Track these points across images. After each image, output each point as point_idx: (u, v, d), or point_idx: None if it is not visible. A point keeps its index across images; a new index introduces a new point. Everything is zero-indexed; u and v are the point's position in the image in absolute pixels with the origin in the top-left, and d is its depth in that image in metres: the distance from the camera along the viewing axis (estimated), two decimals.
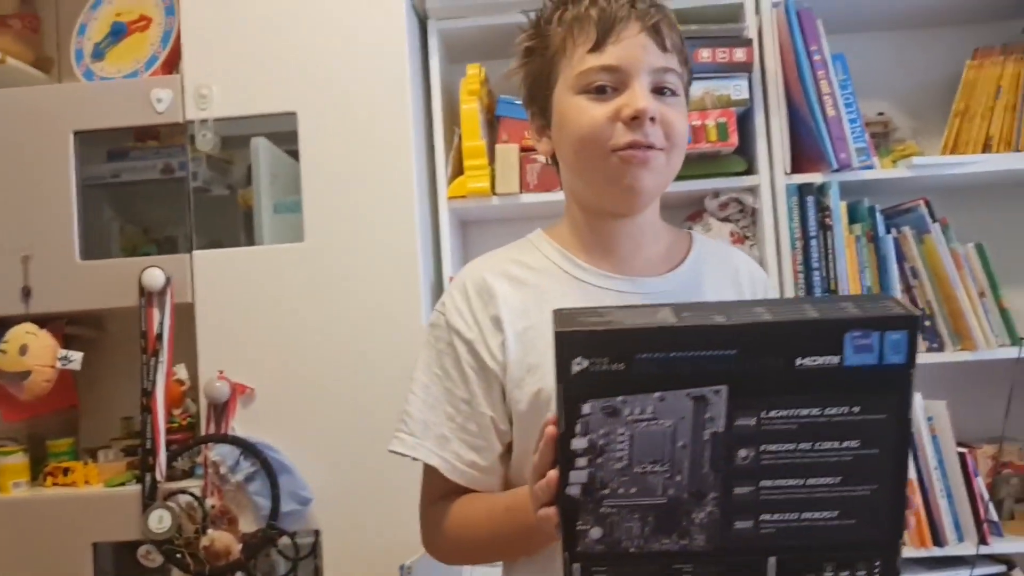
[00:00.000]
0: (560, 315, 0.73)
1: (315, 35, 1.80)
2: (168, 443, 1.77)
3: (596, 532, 0.74)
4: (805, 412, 0.71)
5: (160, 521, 1.69)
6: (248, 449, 1.71)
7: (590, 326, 0.72)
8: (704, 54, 1.80)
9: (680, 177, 1.78)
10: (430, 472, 1.02)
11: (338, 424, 1.73)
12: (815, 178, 1.83)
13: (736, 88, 1.81)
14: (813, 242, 1.81)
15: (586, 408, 0.71)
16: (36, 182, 1.84)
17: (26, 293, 1.80)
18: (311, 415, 1.74)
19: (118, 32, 1.94)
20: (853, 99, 1.84)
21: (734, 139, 1.80)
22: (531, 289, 1.00)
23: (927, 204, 1.83)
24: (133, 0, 1.95)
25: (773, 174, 1.84)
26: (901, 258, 1.83)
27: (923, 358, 1.81)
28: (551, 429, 0.73)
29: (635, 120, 0.92)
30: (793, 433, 0.72)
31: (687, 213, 1.97)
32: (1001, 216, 2.02)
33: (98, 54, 1.94)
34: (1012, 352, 1.79)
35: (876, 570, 0.75)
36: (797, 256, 1.82)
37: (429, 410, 1.01)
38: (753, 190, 1.86)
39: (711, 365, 0.70)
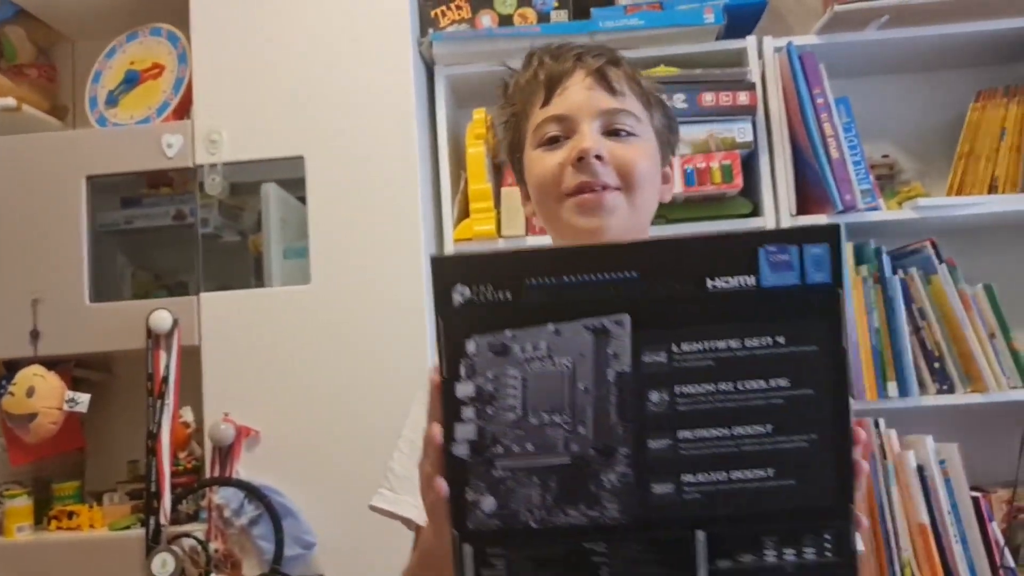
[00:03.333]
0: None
1: (324, 81, 1.83)
2: (173, 486, 1.76)
3: (489, 503, 0.64)
4: (723, 345, 0.62)
5: (164, 565, 1.68)
6: (252, 492, 1.70)
7: (470, 252, 0.66)
8: (707, 98, 1.82)
9: (686, 219, 1.84)
10: (416, 530, 0.99)
11: (343, 468, 1.72)
12: (820, 220, 1.83)
13: (740, 131, 1.83)
14: None
15: (470, 346, 0.63)
16: (48, 226, 1.86)
17: (35, 336, 1.82)
18: (316, 459, 1.74)
19: (131, 80, 1.98)
20: (857, 141, 1.85)
21: (739, 181, 1.80)
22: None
23: (934, 245, 1.83)
24: (147, 49, 2.00)
25: (779, 216, 1.84)
26: (908, 300, 1.82)
27: (934, 400, 1.79)
28: (433, 376, 0.65)
29: (581, 161, 0.92)
30: (711, 371, 0.62)
31: None
32: (1009, 257, 2.01)
33: (112, 101, 1.98)
34: None
35: (827, 544, 0.64)
36: None
37: (413, 465, 0.95)
38: None
39: (610, 291, 0.62)
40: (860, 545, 0.71)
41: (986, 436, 1.83)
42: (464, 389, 0.63)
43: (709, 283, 0.62)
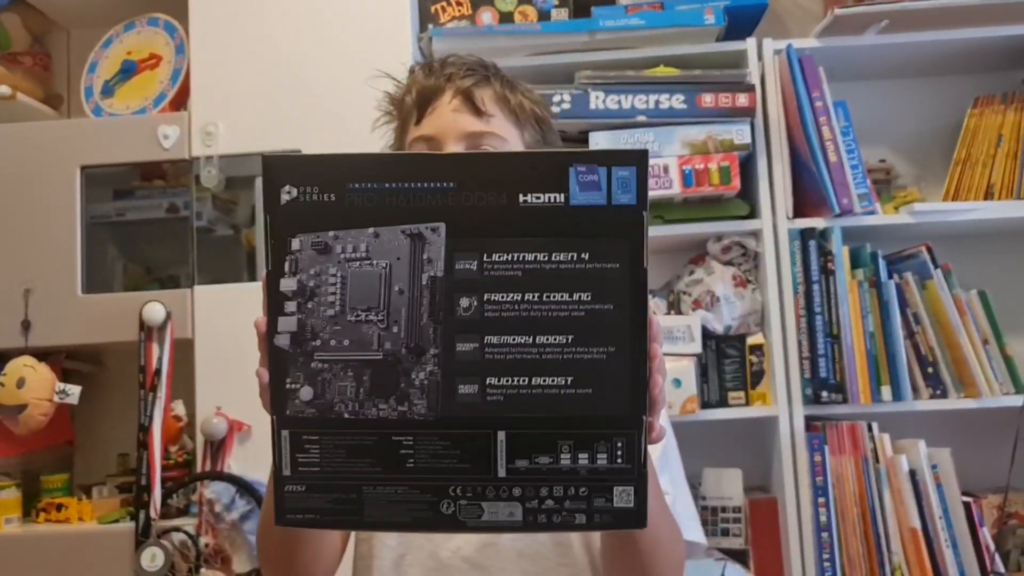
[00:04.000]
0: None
1: (323, 74, 1.82)
2: (163, 480, 1.74)
3: (307, 392, 0.68)
4: (531, 257, 0.66)
5: (153, 559, 1.67)
6: (244, 487, 1.69)
7: (301, 156, 0.70)
8: (707, 99, 1.82)
9: (683, 220, 1.83)
10: None
11: None
12: (817, 223, 1.84)
13: (739, 133, 1.83)
14: (815, 287, 1.81)
15: (295, 243, 0.67)
16: (41, 216, 1.85)
17: (26, 326, 1.80)
18: None
19: (128, 70, 1.97)
20: (855, 145, 1.85)
21: (736, 183, 1.80)
22: None
23: (929, 250, 1.83)
24: (144, 39, 1.98)
25: (775, 218, 1.84)
26: (904, 304, 1.82)
27: (927, 405, 1.80)
28: (263, 275, 0.70)
29: None
30: (518, 281, 0.66)
31: (690, 256, 1.97)
32: (1004, 264, 2.02)
33: (107, 91, 1.96)
34: (1017, 400, 1.78)
35: (618, 451, 0.68)
36: (799, 301, 1.81)
37: None
38: (756, 234, 1.86)
39: (428, 199, 0.65)
40: (654, 451, 0.76)
41: (978, 441, 1.84)
42: (287, 284, 0.67)
43: (521, 198, 0.65)
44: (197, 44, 1.86)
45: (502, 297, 0.66)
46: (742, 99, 1.82)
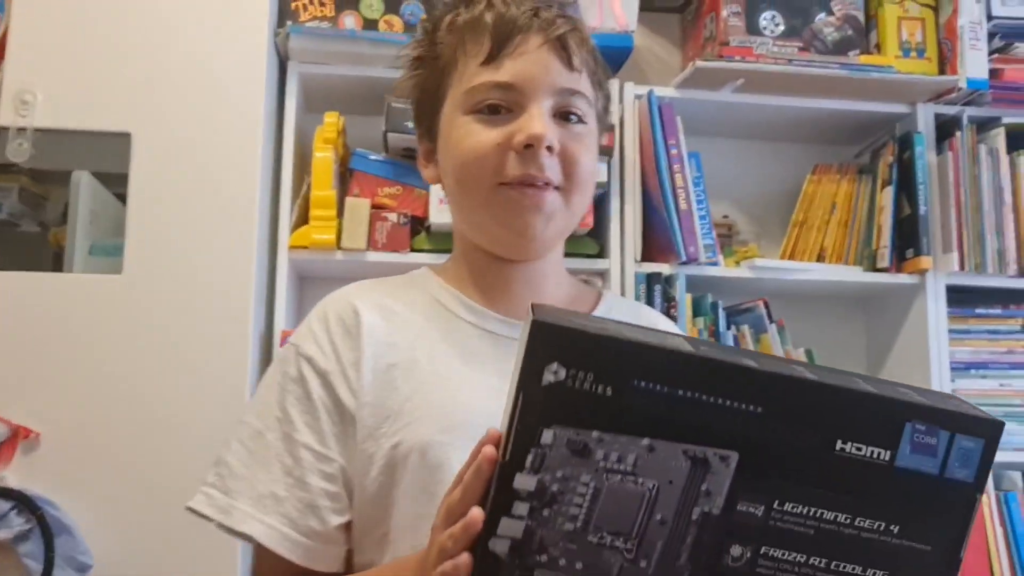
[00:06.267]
0: (541, 307, 0.55)
1: (165, 55, 1.66)
2: None
3: None
4: (831, 516, 0.54)
5: None
6: (22, 502, 1.48)
7: (580, 325, 0.53)
8: None
9: None
10: (259, 553, 0.80)
11: (134, 484, 1.53)
12: (664, 268, 1.85)
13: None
14: None
15: (547, 436, 0.53)
16: None
17: None
18: (104, 471, 1.53)
19: None
20: (704, 197, 1.89)
21: (589, 220, 1.79)
22: (404, 324, 0.84)
23: (766, 305, 1.88)
24: None
25: (624, 260, 1.84)
26: None
27: None
28: (489, 450, 0.55)
29: (529, 149, 0.79)
30: (807, 540, 0.54)
31: None
32: (829, 324, 2.11)
33: None
34: None
35: None
36: None
37: (257, 464, 0.79)
38: (603, 274, 1.85)
39: (725, 421, 0.53)
40: None
41: None
42: (524, 481, 0.53)
43: (839, 444, 0.54)
44: (21, 5, 1.66)
45: (783, 555, 0.54)
46: (602, 138, 1.81)
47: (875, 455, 0.54)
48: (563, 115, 0.83)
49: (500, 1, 0.84)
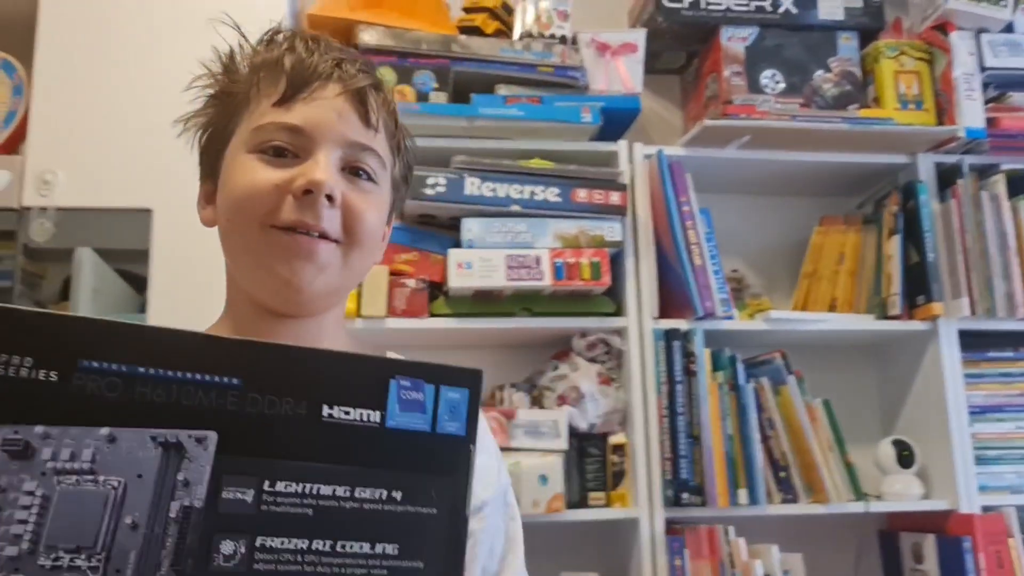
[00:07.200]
0: None
1: (179, 136, 1.68)
2: None
3: None
4: (328, 491, 0.49)
5: None
6: None
7: (20, 310, 0.45)
8: (581, 194, 1.83)
9: (549, 314, 1.80)
10: None
11: None
12: (681, 324, 1.86)
13: (610, 229, 1.84)
14: (679, 387, 1.82)
15: None
16: None
17: None
18: None
19: None
20: (716, 252, 1.91)
21: (607, 279, 1.80)
22: None
23: (784, 356, 1.89)
24: None
25: (641, 317, 1.85)
26: (760, 408, 1.86)
27: (779, 509, 1.81)
28: None
29: (308, 195, 0.74)
30: (307, 523, 0.49)
31: (554, 351, 1.94)
32: (845, 374, 2.12)
33: None
34: (859, 507, 1.83)
35: None
36: (662, 400, 1.81)
37: None
38: (621, 332, 1.86)
39: (198, 397, 0.47)
40: None
41: (828, 546, 1.87)
42: None
43: (326, 410, 0.50)
44: (41, 86, 1.68)
45: (281, 543, 0.48)
46: (615, 197, 1.85)
47: (365, 417, 0.51)
48: (353, 170, 0.79)
49: (304, 47, 0.80)
